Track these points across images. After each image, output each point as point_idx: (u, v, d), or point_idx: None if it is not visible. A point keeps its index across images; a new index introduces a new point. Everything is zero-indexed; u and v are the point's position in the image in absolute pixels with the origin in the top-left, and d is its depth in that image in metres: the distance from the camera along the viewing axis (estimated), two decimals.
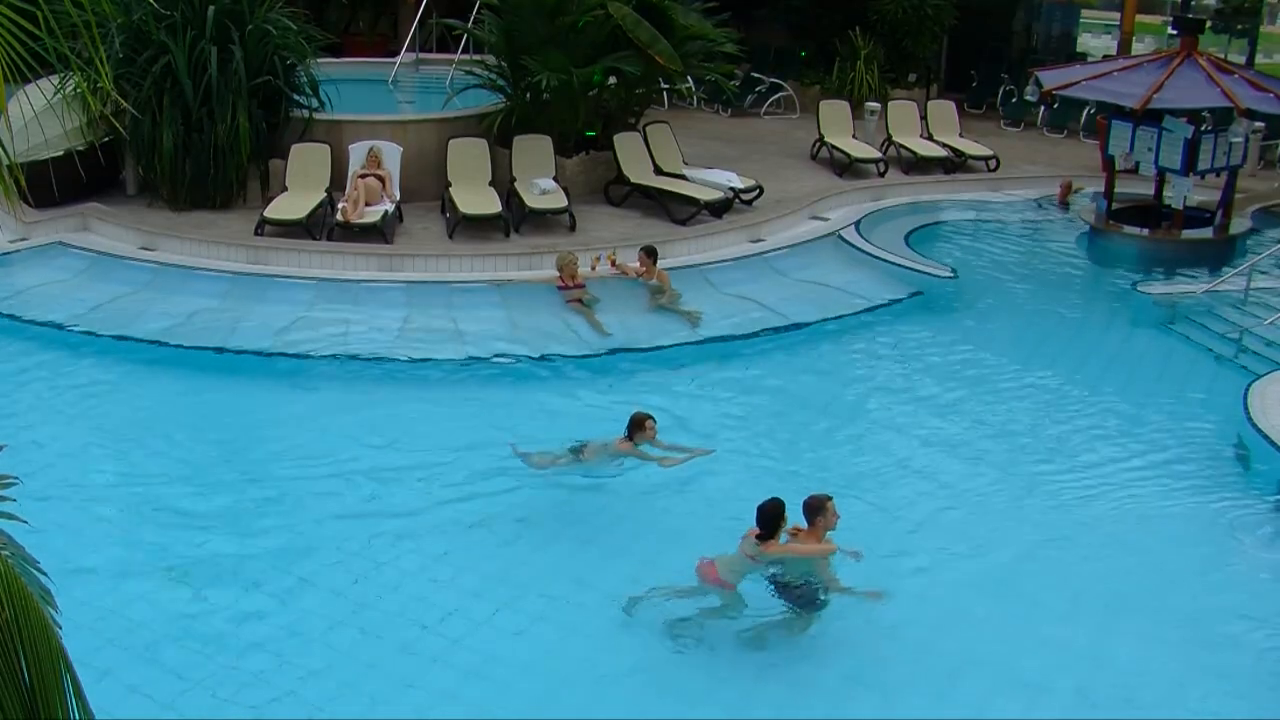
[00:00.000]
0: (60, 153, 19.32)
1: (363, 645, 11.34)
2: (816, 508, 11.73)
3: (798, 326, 18.62)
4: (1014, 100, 30.95)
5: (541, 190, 21.19)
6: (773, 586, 11.72)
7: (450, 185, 21.39)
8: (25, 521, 5.52)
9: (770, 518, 11.59)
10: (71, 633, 5.48)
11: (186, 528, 13.11)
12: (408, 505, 13.70)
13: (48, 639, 4.98)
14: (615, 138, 22.93)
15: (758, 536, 11.61)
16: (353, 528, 13.17)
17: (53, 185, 19.30)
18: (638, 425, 13.75)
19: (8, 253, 19.62)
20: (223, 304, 18.54)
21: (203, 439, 15.20)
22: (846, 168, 25.48)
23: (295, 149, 21.44)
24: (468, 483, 14.18)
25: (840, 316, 19.07)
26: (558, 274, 18.88)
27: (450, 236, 20.55)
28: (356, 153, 21.49)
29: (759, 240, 21.49)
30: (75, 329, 17.62)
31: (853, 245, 21.58)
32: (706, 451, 14.35)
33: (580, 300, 18.69)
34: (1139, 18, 31.33)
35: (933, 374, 17.52)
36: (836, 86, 30.45)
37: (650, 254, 19.24)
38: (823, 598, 11.70)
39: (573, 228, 21.01)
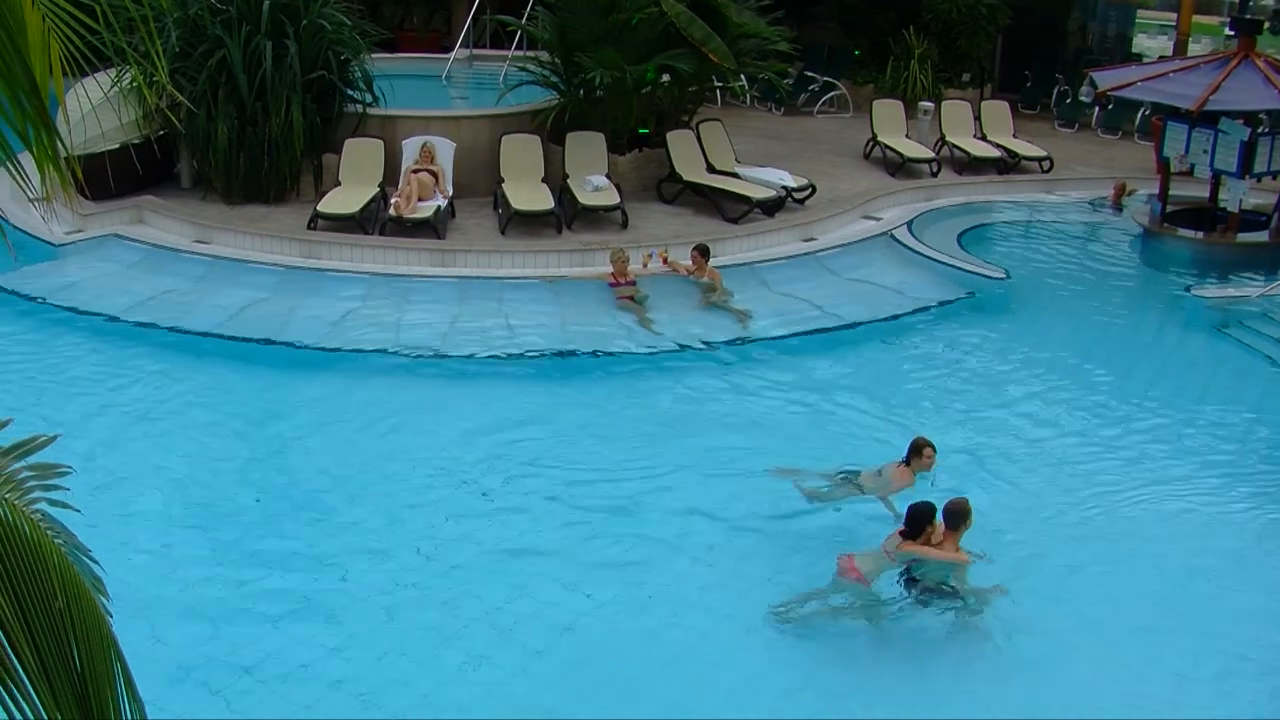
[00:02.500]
0: (116, 146, 19.44)
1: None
2: (961, 514, 11.75)
3: (849, 326, 18.56)
4: (1068, 101, 30.79)
5: (594, 187, 21.19)
6: (909, 586, 11.79)
7: (503, 181, 21.41)
8: (77, 510, 5.55)
9: (919, 518, 11.63)
10: (121, 622, 5.51)
11: (235, 521, 13.16)
12: (467, 505, 13.69)
13: (99, 627, 5.00)
14: (668, 135, 22.91)
15: (901, 534, 11.67)
16: (411, 525, 13.18)
17: (109, 178, 19.45)
18: (916, 451, 13.19)
19: (63, 244, 19.76)
20: (275, 297, 18.63)
21: (253, 432, 15.25)
22: (899, 167, 25.40)
23: (349, 144, 21.53)
24: (529, 478, 14.22)
25: (892, 317, 19.00)
26: (609, 270, 18.91)
27: (502, 232, 20.59)
28: (410, 148, 21.54)
29: (811, 239, 21.43)
30: (128, 321, 17.72)
31: (905, 245, 21.50)
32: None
33: (631, 297, 18.70)
34: (1196, 18, 31.05)
35: (983, 376, 17.41)
36: (890, 85, 30.37)
37: (703, 252, 19.20)
38: (962, 602, 11.75)
39: (625, 225, 21.02)
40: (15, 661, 4.22)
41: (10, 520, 4.61)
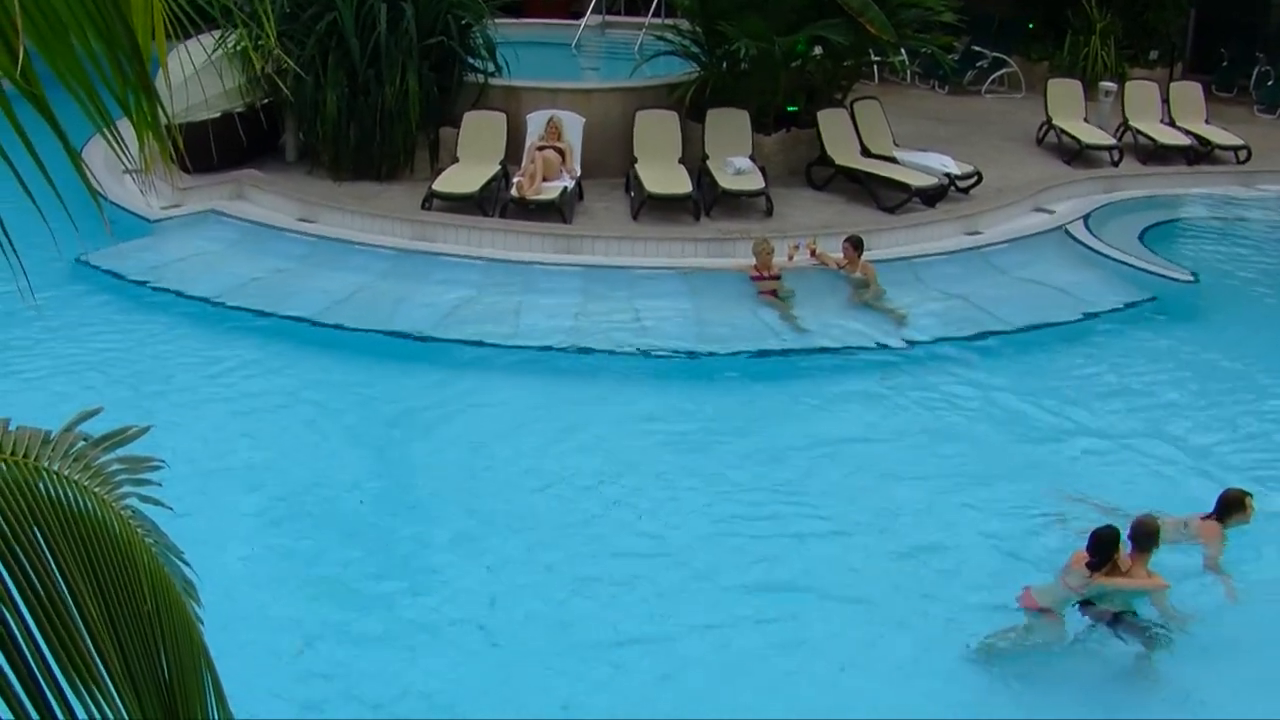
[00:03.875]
0: (218, 114, 19.70)
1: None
2: (1150, 533, 11.62)
3: (1017, 331, 18.36)
4: (1270, 83, 30.26)
5: (736, 170, 21.14)
6: (1090, 616, 11.68)
7: (636, 161, 21.41)
8: (169, 507, 5.63)
9: (1105, 545, 11.46)
10: (212, 630, 5.58)
11: (337, 526, 13.28)
12: (594, 518, 13.73)
13: (189, 635, 5.06)
14: (819, 114, 22.78)
15: (1087, 564, 11.50)
16: (528, 536, 13.23)
17: (210, 148, 19.69)
18: (1235, 505, 12.71)
19: (158, 220, 20.02)
20: (384, 283, 18.78)
21: (355, 428, 15.39)
22: (1076, 155, 25.09)
23: (468, 117, 21.63)
24: (663, 488, 14.23)
25: (1064, 323, 18.77)
26: (751, 262, 18.88)
27: (634, 217, 20.64)
28: (535, 122, 21.62)
29: (975, 233, 21.25)
30: (225, 304, 17.92)
31: (1080, 242, 21.21)
32: None
33: (775, 293, 18.62)
34: None
35: (1168, 389, 17.16)
36: (1067, 63, 30.00)
37: (856, 245, 19.08)
38: (1155, 630, 11.58)
39: (769, 212, 20.96)
40: (100, 665, 4.29)
41: (99, 515, 4.68)
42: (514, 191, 20.34)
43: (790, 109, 23.22)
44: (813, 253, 19.20)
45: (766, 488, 14.28)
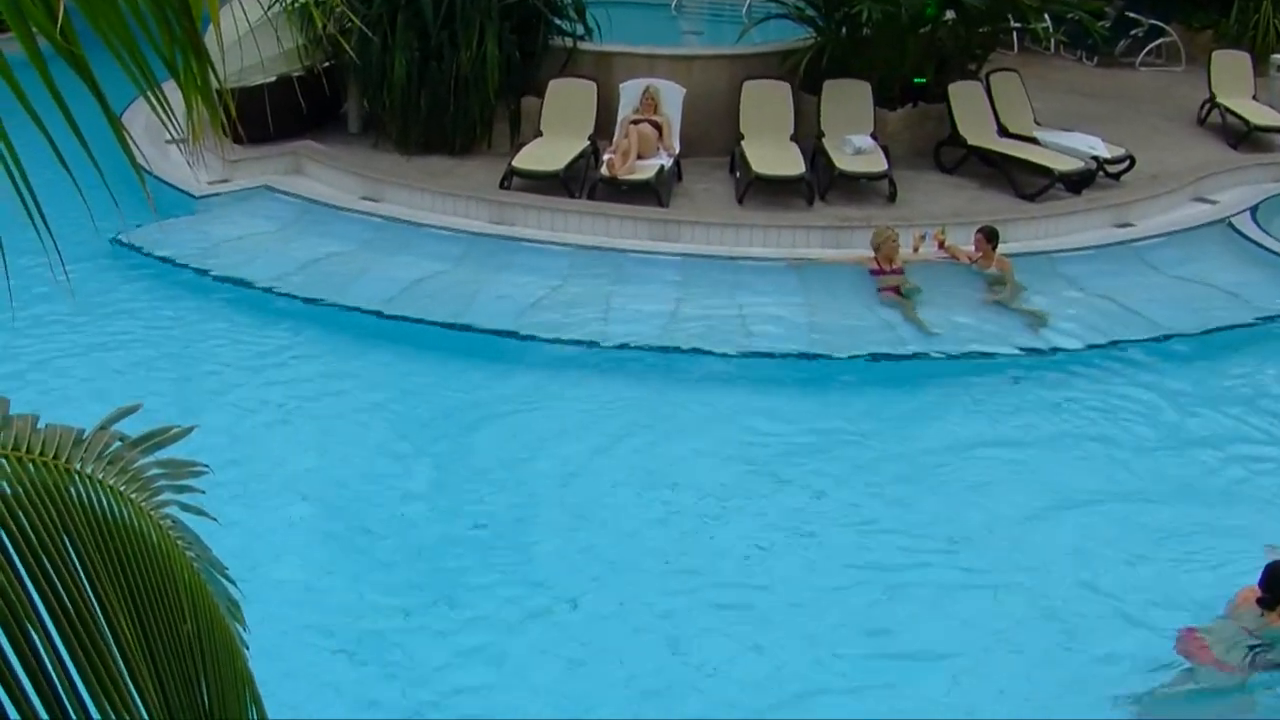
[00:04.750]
0: (274, 79, 19.78)
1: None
2: None
3: (1172, 337, 18.19)
4: None
5: (856, 149, 21.05)
6: (1260, 666, 11.40)
7: (743, 138, 21.40)
8: (213, 518, 5.67)
9: None
10: (256, 656, 5.62)
11: (397, 541, 13.32)
12: (681, 528, 13.74)
13: (232, 660, 5.10)
14: (950, 88, 22.65)
15: (1260, 602, 11.28)
16: (607, 564, 13.23)
17: (266, 117, 19.74)
18: None
19: (206, 196, 20.12)
20: (457, 271, 18.85)
21: (423, 434, 15.42)
22: (1243, 137, 24.83)
23: (554, 85, 21.67)
24: (767, 512, 14.19)
25: (1227, 328, 18.58)
26: (872, 254, 18.82)
27: (739, 201, 20.62)
28: (629, 93, 21.62)
29: (1126, 225, 21.06)
30: (278, 291, 17.97)
31: (1247, 237, 21.04)
32: None
33: (898, 289, 18.53)
34: None
35: None
36: (1234, 32, 29.74)
37: (990, 237, 18.97)
38: None
39: (892, 197, 20.90)
40: (134, 693, 4.32)
41: (136, 526, 4.71)
42: (604, 170, 20.37)
43: (918, 81, 23.11)
44: (941, 244, 19.12)
45: (883, 508, 14.23)
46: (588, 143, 21.03)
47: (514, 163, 20.50)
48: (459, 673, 11.57)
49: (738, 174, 21.18)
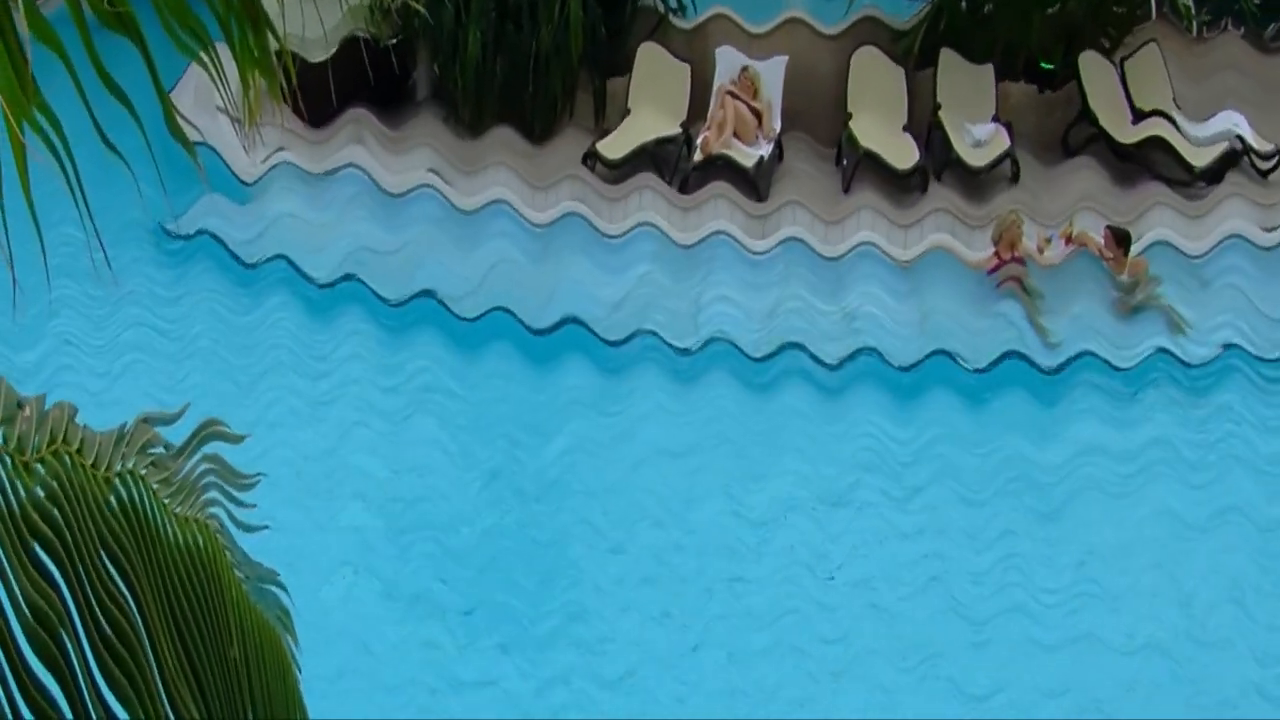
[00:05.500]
0: (335, 49, 19.71)
1: None
2: None
3: None
4: None
5: (976, 141, 20.88)
6: None
7: (850, 119, 21.30)
8: (264, 527, 5.69)
9: None
10: (310, 679, 5.65)
11: (469, 558, 13.37)
12: (778, 545, 13.75)
13: (283, 678, 5.13)
14: (1081, 59, 22.45)
15: None
16: (686, 584, 13.26)
17: (330, 91, 19.59)
18: None
19: (258, 179, 19.90)
20: (532, 259, 18.79)
21: (494, 437, 15.44)
22: None
23: (644, 56, 21.54)
24: (872, 528, 14.22)
25: None
26: (992, 247, 18.70)
27: (845, 190, 20.59)
28: (724, 62, 21.49)
29: (1275, 228, 20.69)
30: (336, 279, 17.91)
31: None
32: None
33: (1019, 280, 18.41)
34: None
35: None
36: None
37: (1121, 240, 18.72)
38: None
39: (1015, 178, 20.83)
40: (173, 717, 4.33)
41: (182, 543, 4.71)
42: (698, 154, 20.34)
43: (1044, 66, 22.93)
44: (1068, 240, 18.93)
45: (1002, 528, 14.21)
46: (679, 129, 20.99)
47: (598, 144, 20.52)
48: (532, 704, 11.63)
49: (844, 160, 21.08)
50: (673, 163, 20.53)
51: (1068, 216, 19.41)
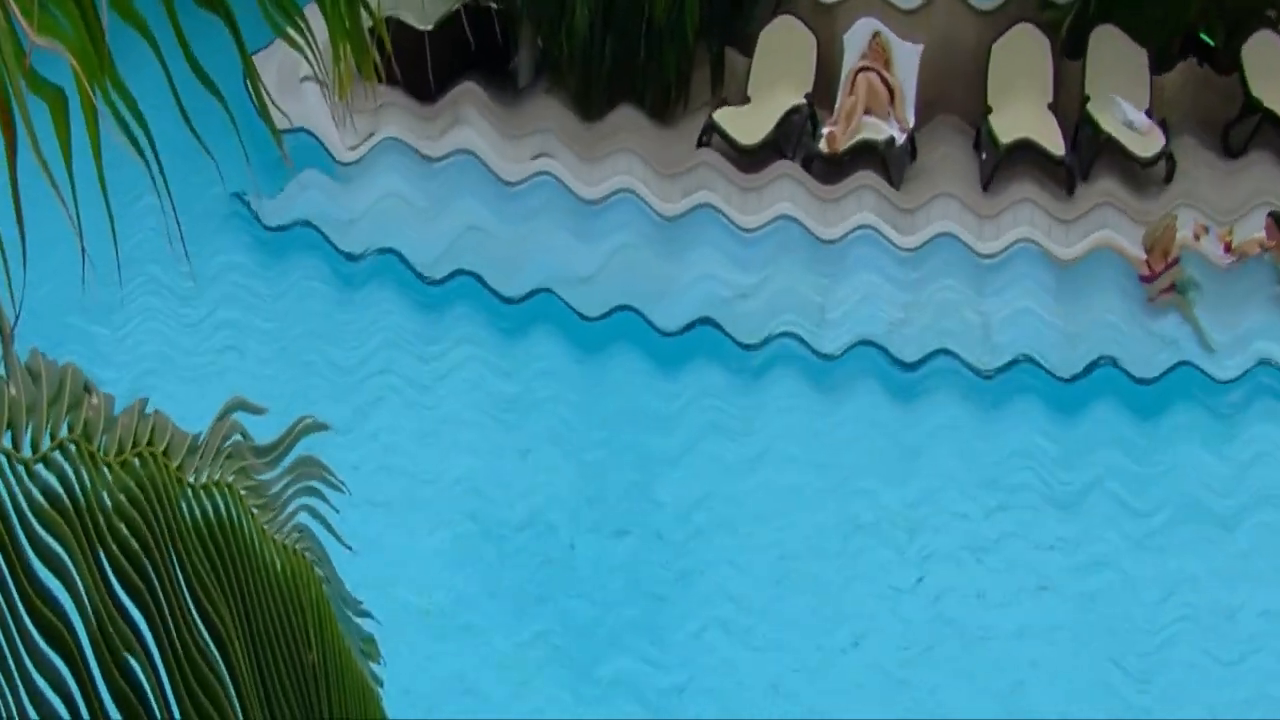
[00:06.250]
0: (432, 26, 19.58)
1: None
2: None
3: None
4: None
5: (1127, 120, 20.64)
6: None
7: (990, 111, 21.11)
8: (349, 547, 5.72)
9: None
10: (392, 698, 5.71)
11: (558, 574, 13.41)
12: (902, 576, 13.76)
13: (364, 703, 5.18)
14: (1245, 44, 22.30)
15: None
16: (816, 606, 13.28)
17: (427, 64, 19.52)
18: None
19: (348, 164, 19.79)
20: (645, 251, 18.70)
21: (598, 447, 15.50)
22: None
23: (766, 31, 21.48)
24: (1011, 558, 14.28)
25: None
26: (1144, 255, 18.48)
27: (985, 186, 20.48)
28: (855, 41, 21.29)
29: None
30: (433, 271, 17.83)
31: None
32: None
33: (1173, 286, 18.15)
34: None
35: None
36: None
37: None
38: None
39: (1169, 177, 20.54)
40: None
41: (259, 546, 4.75)
42: (823, 145, 20.22)
43: (1205, 39, 22.68)
44: (1228, 247, 18.80)
45: (1158, 562, 14.17)
46: (804, 101, 20.80)
47: (715, 117, 20.44)
48: None
49: (983, 150, 20.93)
50: (794, 139, 20.43)
51: (1228, 224, 19.22)
